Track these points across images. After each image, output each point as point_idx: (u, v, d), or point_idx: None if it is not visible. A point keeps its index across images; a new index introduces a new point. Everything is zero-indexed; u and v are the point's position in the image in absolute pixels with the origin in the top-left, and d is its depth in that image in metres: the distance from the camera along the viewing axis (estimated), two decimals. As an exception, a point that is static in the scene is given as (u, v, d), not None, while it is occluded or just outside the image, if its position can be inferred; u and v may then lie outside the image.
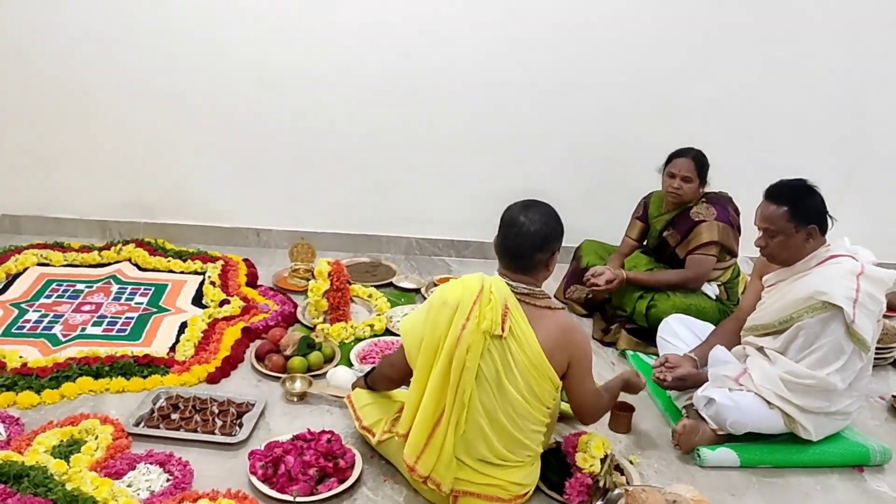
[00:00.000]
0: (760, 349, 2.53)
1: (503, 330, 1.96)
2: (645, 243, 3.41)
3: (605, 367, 3.03)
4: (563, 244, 2.12)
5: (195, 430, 2.32)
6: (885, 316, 3.37)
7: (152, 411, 2.41)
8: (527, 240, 1.99)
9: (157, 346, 2.87)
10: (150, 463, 2.14)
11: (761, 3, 3.70)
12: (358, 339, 3.01)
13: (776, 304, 2.49)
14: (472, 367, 1.95)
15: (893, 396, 2.87)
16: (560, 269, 3.52)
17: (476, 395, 1.97)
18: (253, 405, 2.46)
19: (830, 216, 2.43)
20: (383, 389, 2.34)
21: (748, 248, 3.23)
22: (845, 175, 3.99)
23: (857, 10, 3.72)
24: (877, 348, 3.03)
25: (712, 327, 2.89)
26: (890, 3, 3.74)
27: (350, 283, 3.21)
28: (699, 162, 3.09)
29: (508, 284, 2.03)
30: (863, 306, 2.31)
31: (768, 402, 2.40)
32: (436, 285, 3.61)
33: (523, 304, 2.01)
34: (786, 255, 2.46)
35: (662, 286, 3.12)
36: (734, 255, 3.20)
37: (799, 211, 2.38)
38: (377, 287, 3.54)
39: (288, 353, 2.75)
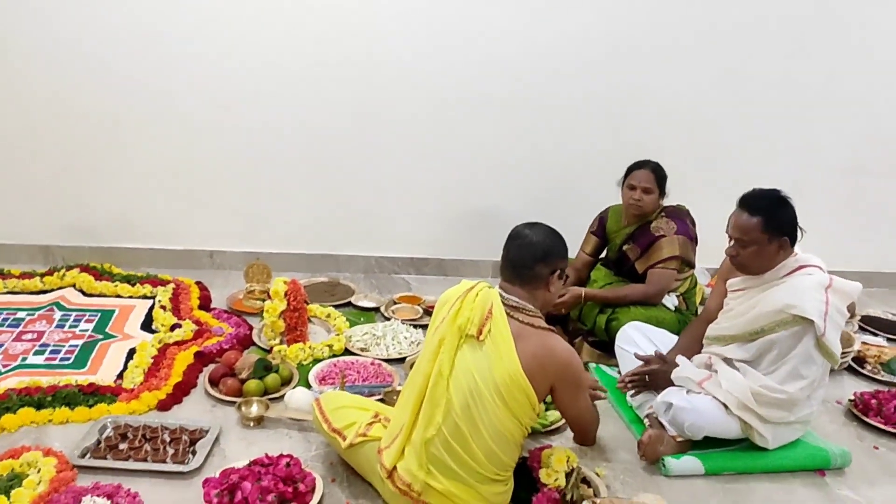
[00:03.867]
0: (728, 360, 2.52)
1: (480, 332, 1.96)
2: (601, 257, 3.42)
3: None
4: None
5: (145, 460, 2.20)
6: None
7: (98, 442, 2.29)
8: (529, 250, 2.04)
9: (104, 374, 2.74)
10: (97, 495, 2.01)
11: (710, 15, 3.79)
12: (316, 360, 2.94)
13: (746, 314, 2.49)
14: (446, 360, 1.97)
15: (850, 401, 2.91)
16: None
17: (454, 397, 1.95)
18: (207, 431, 2.36)
19: (801, 228, 2.44)
20: None
21: (704, 258, 3.29)
22: (795, 184, 4.08)
23: (802, 22, 3.85)
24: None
25: (670, 334, 2.90)
26: (829, 15, 3.87)
27: (307, 303, 3.13)
28: (658, 173, 3.12)
29: (501, 294, 2.04)
30: (831, 319, 2.33)
31: (726, 408, 2.40)
32: (395, 303, 3.56)
33: (509, 317, 2.00)
34: (757, 265, 2.47)
35: (623, 303, 3.12)
36: (692, 266, 3.23)
37: (773, 222, 2.38)
38: (336, 307, 3.46)
39: (243, 376, 2.66)
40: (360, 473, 2.21)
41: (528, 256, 2.03)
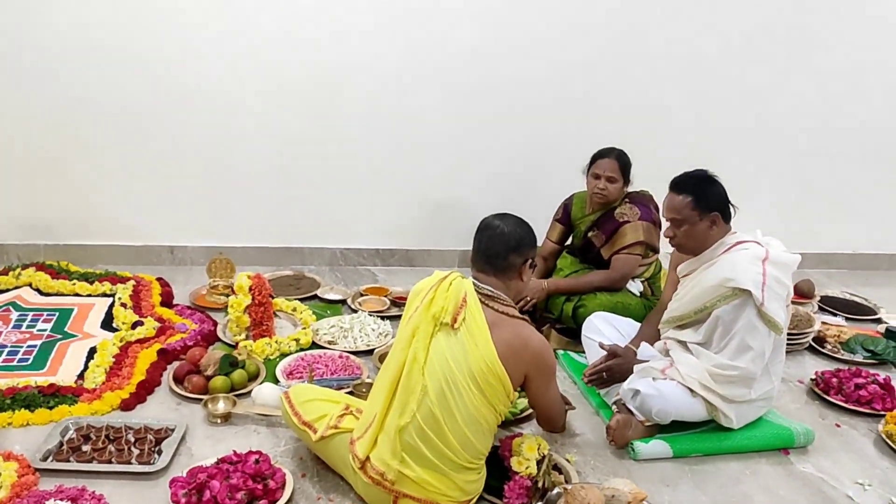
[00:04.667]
0: (683, 344, 2.57)
1: (454, 321, 1.98)
2: (568, 244, 3.43)
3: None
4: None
5: (109, 461, 2.15)
6: (796, 302, 3.58)
7: (61, 444, 2.23)
8: (501, 240, 2.06)
9: (64, 375, 2.68)
10: (61, 499, 1.96)
11: (670, 8, 3.83)
12: (284, 355, 2.90)
13: (689, 293, 2.55)
14: (420, 347, 1.98)
15: (811, 380, 2.97)
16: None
17: (429, 383, 1.95)
18: (172, 430, 2.32)
19: (732, 205, 2.52)
20: None
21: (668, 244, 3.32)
22: (756, 169, 4.16)
23: (762, 10, 3.91)
24: (793, 334, 3.19)
25: (635, 323, 2.94)
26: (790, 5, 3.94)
27: (273, 297, 3.09)
28: (622, 161, 3.14)
29: (474, 283, 2.05)
30: (770, 289, 2.38)
31: (691, 391, 2.44)
32: (362, 295, 3.53)
33: (484, 306, 2.03)
34: (693, 243, 2.53)
35: (587, 289, 3.14)
36: (657, 251, 3.26)
37: (702, 199, 2.47)
38: (301, 300, 3.42)
39: (209, 372, 2.61)
40: (331, 467, 2.19)
41: (501, 247, 2.05)
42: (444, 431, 1.96)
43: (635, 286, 3.20)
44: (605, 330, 2.89)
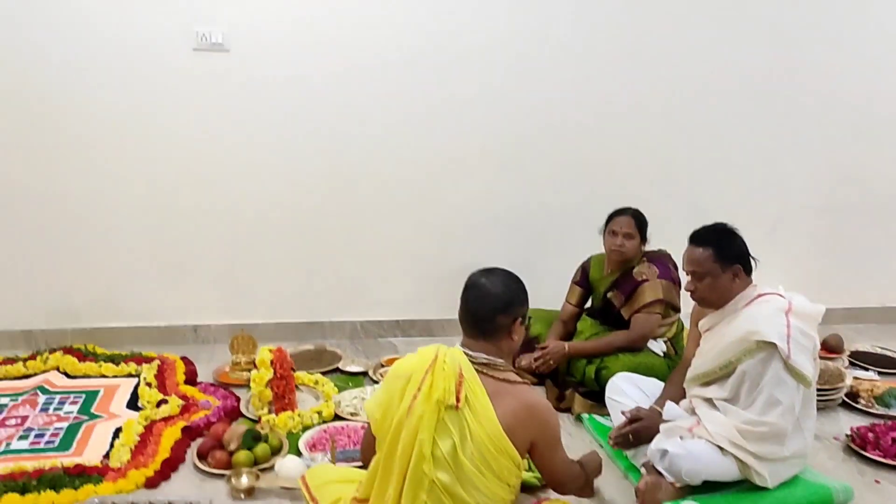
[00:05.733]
0: (709, 401, 2.52)
1: (458, 400, 1.88)
2: (588, 306, 3.43)
3: (562, 434, 2.96)
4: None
5: (134, 540, 2.14)
6: (825, 357, 3.52)
7: (85, 524, 2.22)
8: (487, 302, 1.95)
9: (90, 455, 2.67)
10: (84, 580, 1.95)
11: (680, 67, 3.96)
12: (306, 427, 2.89)
13: (713, 349, 2.52)
14: (427, 438, 1.86)
15: (847, 436, 2.89)
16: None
17: (437, 477, 1.86)
18: (197, 506, 2.30)
19: (753, 257, 2.52)
20: None
21: (690, 303, 3.30)
22: (774, 224, 4.17)
23: (772, 63, 4.03)
24: (824, 390, 3.12)
25: (659, 383, 2.89)
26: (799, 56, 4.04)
27: (294, 370, 3.10)
28: (638, 219, 3.19)
29: (467, 354, 1.96)
30: (796, 341, 2.34)
31: (721, 449, 2.38)
32: (383, 366, 3.53)
33: (482, 376, 1.93)
34: (715, 296, 2.52)
35: (608, 351, 3.12)
36: (678, 310, 3.24)
37: (723, 251, 2.47)
38: (323, 373, 3.43)
39: (232, 447, 2.60)
40: None
41: (488, 309, 1.95)
42: None
43: (658, 346, 3.18)
44: (629, 391, 2.85)
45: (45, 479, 2.43)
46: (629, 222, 3.17)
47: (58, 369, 3.44)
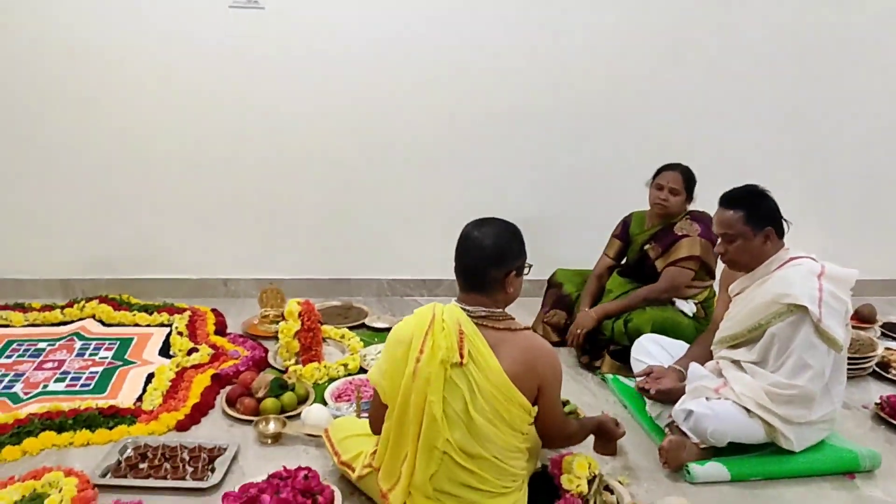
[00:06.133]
0: (736, 363, 2.50)
1: (462, 357, 1.86)
2: (623, 262, 3.41)
3: (585, 393, 2.99)
4: (535, 277, 2.03)
5: (165, 478, 2.20)
6: (857, 327, 3.47)
7: (119, 462, 2.29)
8: (479, 254, 1.90)
9: (123, 398, 2.75)
10: (118, 512, 2.01)
11: (728, 27, 3.86)
12: (332, 379, 2.93)
13: (742, 311, 2.49)
14: (436, 400, 1.85)
15: (876, 404, 2.86)
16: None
17: (451, 435, 1.87)
18: (225, 449, 2.36)
19: (785, 220, 2.47)
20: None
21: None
22: (815, 193, 4.09)
23: (815, 30, 3.91)
24: (855, 359, 3.08)
25: (685, 345, 2.87)
26: (846, 20, 3.92)
27: (321, 323, 3.14)
28: (687, 176, 3.14)
29: (464, 310, 1.93)
30: (827, 305, 2.31)
31: (748, 411, 2.37)
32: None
33: (482, 329, 1.91)
34: (746, 259, 2.48)
35: (635, 304, 3.11)
36: (712, 274, 3.20)
37: (754, 214, 2.42)
38: (350, 329, 3.46)
39: (260, 395, 2.66)
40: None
41: (480, 262, 1.90)
42: (474, 470, 1.90)
43: (688, 307, 3.14)
44: (654, 351, 2.84)
45: (80, 419, 2.51)
46: (677, 178, 3.12)
47: (93, 317, 3.52)
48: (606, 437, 2.42)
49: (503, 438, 1.92)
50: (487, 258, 1.90)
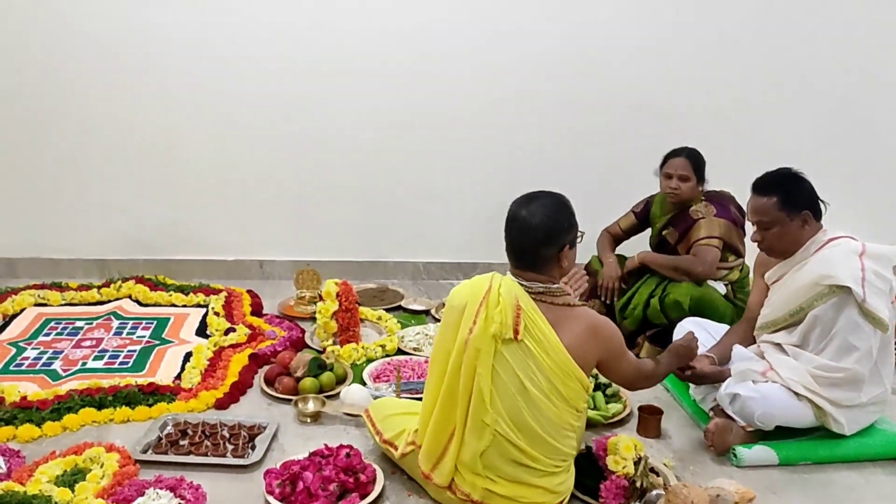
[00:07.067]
0: (778, 346, 2.43)
1: (517, 332, 1.84)
2: (632, 238, 3.39)
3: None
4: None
5: (206, 455, 2.20)
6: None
7: (160, 438, 2.29)
8: (528, 234, 1.89)
9: (162, 376, 2.77)
10: (160, 488, 2.00)
11: (752, 5, 3.74)
12: (370, 360, 2.91)
13: (782, 296, 2.42)
14: (485, 372, 1.84)
15: (927, 389, 2.76)
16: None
17: (498, 402, 1.86)
18: (265, 427, 2.35)
19: (822, 201, 2.38)
20: None
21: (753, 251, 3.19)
22: (851, 172, 3.97)
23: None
24: (904, 340, 2.97)
25: (726, 328, 2.80)
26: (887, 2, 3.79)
27: (359, 304, 3.12)
28: (694, 159, 3.06)
29: (521, 284, 1.91)
30: (871, 284, 2.23)
31: (796, 394, 2.30)
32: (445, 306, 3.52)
33: (540, 304, 1.89)
34: (784, 245, 2.40)
35: (668, 267, 3.05)
36: (739, 254, 3.11)
37: (790, 198, 2.33)
38: (386, 310, 3.44)
39: (298, 374, 2.65)
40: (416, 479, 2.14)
41: (530, 242, 1.89)
42: (525, 448, 1.88)
43: (719, 288, 3.07)
44: (696, 334, 2.77)
45: (120, 396, 2.53)
46: (684, 164, 3.04)
47: (130, 297, 3.54)
48: (687, 357, 2.35)
49: (558, 415, 1.90)
50: (537, 238, 1.89)
